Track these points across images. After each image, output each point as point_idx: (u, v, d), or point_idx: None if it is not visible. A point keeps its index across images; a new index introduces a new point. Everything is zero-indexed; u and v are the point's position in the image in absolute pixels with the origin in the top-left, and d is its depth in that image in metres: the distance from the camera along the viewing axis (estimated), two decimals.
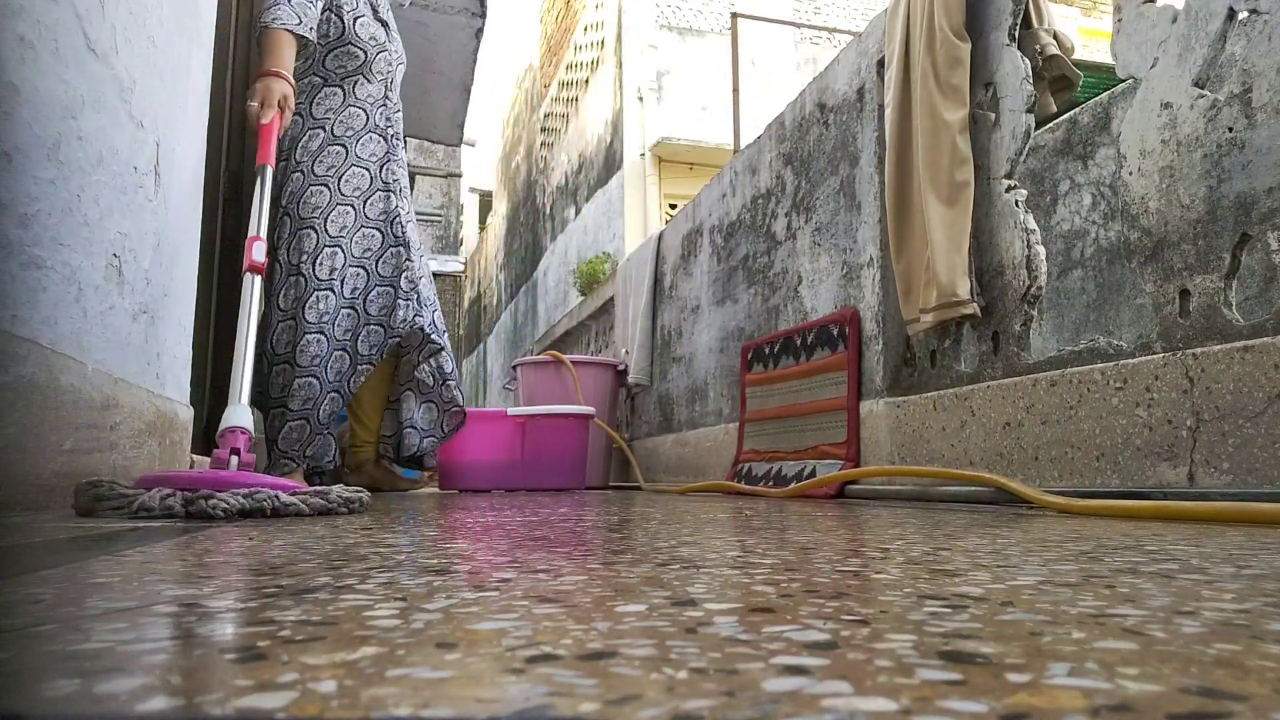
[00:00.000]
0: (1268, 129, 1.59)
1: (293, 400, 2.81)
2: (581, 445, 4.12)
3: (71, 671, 0.35)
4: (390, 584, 0.62)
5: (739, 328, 3.92)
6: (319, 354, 2.83)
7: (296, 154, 2.91)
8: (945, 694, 0.32)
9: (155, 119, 1.89)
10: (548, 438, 4.01)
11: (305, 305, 2.83)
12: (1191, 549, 0.89)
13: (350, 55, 2.96)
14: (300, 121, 2.92)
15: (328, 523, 1.37)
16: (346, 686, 0.33)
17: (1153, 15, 1.85)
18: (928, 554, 0.83)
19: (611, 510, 1.84)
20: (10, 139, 1.28)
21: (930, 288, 2.38)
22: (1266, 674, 0.35)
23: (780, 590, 0.59)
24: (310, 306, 2.84)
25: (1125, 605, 0.52)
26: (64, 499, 1.45)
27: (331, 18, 2.93)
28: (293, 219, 2.88)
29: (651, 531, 1.17)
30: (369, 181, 2.97)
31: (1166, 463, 1.72)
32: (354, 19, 2.96)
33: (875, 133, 2.88)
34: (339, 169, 2.92)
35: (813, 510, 1.82)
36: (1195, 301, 1.71)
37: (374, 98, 3.01)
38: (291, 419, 2.82)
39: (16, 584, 0.61)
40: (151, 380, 1.95)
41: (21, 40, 1.29)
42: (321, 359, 2.84)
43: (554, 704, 0.31)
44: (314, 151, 2.91)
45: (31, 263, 1.35)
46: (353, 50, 2.95)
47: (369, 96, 3.00)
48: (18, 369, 1.28)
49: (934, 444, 2.44)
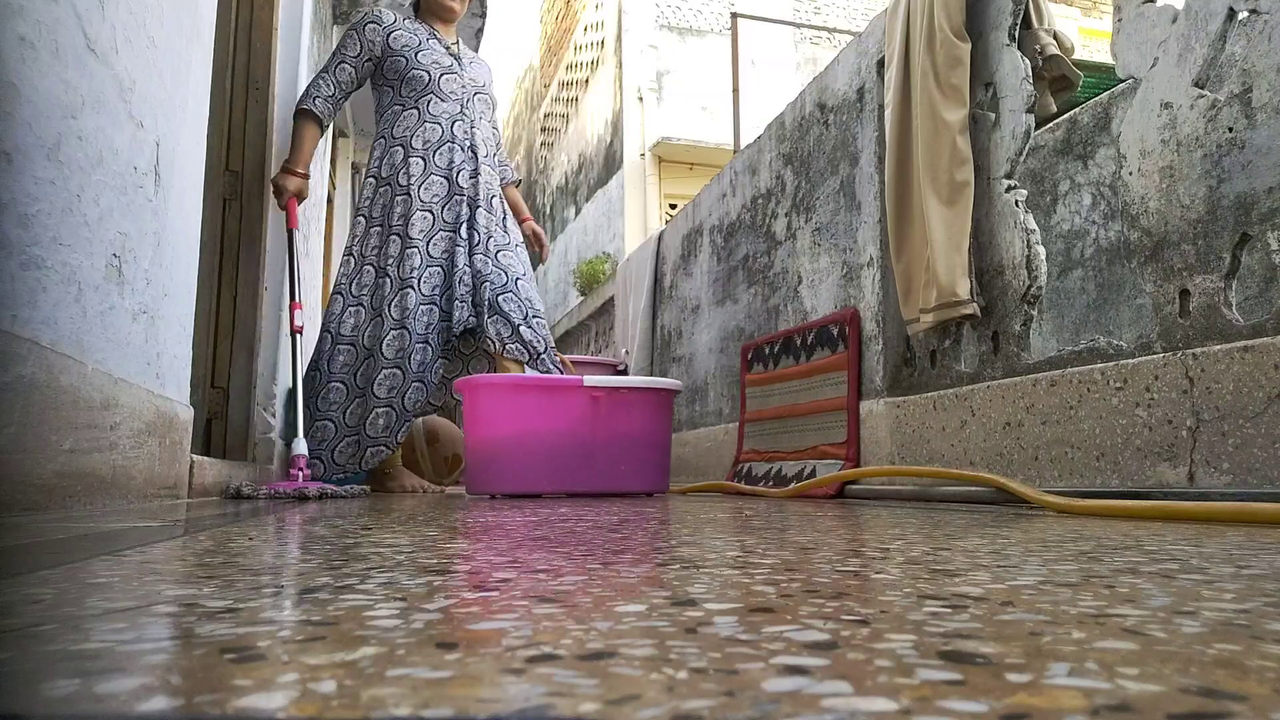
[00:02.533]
0: (1268, 129, 1.59)
1: (379, 389, 3.10)
2: (666, 433, 3.00)
3: (71, 671, 0.35)
4: (390, 584, 0.62)
5: (739, 328, 3.92)
6: (402, 348, 3.11)
7: (383, 170, 3.28)
8: (945, 694, 0.32)
9: (155, 119, 1.89)
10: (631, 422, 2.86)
11: (389, 303, 3.13)
12: (1191, 549, 0.89)
13: (417, 79, 3.29)
14: (384, 143, 3.31)
15: (328, 523, 1.38)
16: (346, 686, 0.33)
17: (1153, 15, 1.85)
18: (928, 554, 0.83)
19: (620, 511, 1.84)
20: (10, 139, 1.28)
21: (930, 288, 2.38)
22: (1266, 674, 0.35)
23: (780, 590, 0.59)
24: (394, 304, 3.13)
25: (1125, 605, 0.52)
26: (64, 499, 1.45)
27: (395, 57, 3.31)
28: (382, 228, 3.24)
29: (651, 531, 1.17)
30: (446, 189, 3.26)
31: (1166, 463, 1.72)
32: (415, 51, 3.32)
33: (875, 133, 2.87)
34: (419, 179, 3.23)
35: (813, 510, 1.82)
36: (1195, 301, 1.71)
37: (449, 114, 3.32)
38: (378, 406, 3.09)
39: (16, 584, 0.61)
40: (151, 380, 1.95)
41: (21, 40, 1.29)
42: (404, 352, 3.11)
43: (554, 704, 0.31)
44: (398, 165, 3.26)
45: (31, 263, 1.35)
46: (417, 74, 3.29)
47: (444, 113, 3.31)
48: (18, 369, 1.28)
49: (934, 444, 2.44)
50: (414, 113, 3.29)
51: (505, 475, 2.74)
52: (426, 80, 3.30)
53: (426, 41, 3.37)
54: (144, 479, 1.86)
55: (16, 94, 1.28)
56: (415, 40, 3.35)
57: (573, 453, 2.78)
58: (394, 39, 3.32)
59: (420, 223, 3.20)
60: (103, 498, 1.62)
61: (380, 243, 3.23)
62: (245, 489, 2.49)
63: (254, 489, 2.50)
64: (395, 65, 3.31)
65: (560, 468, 2.76)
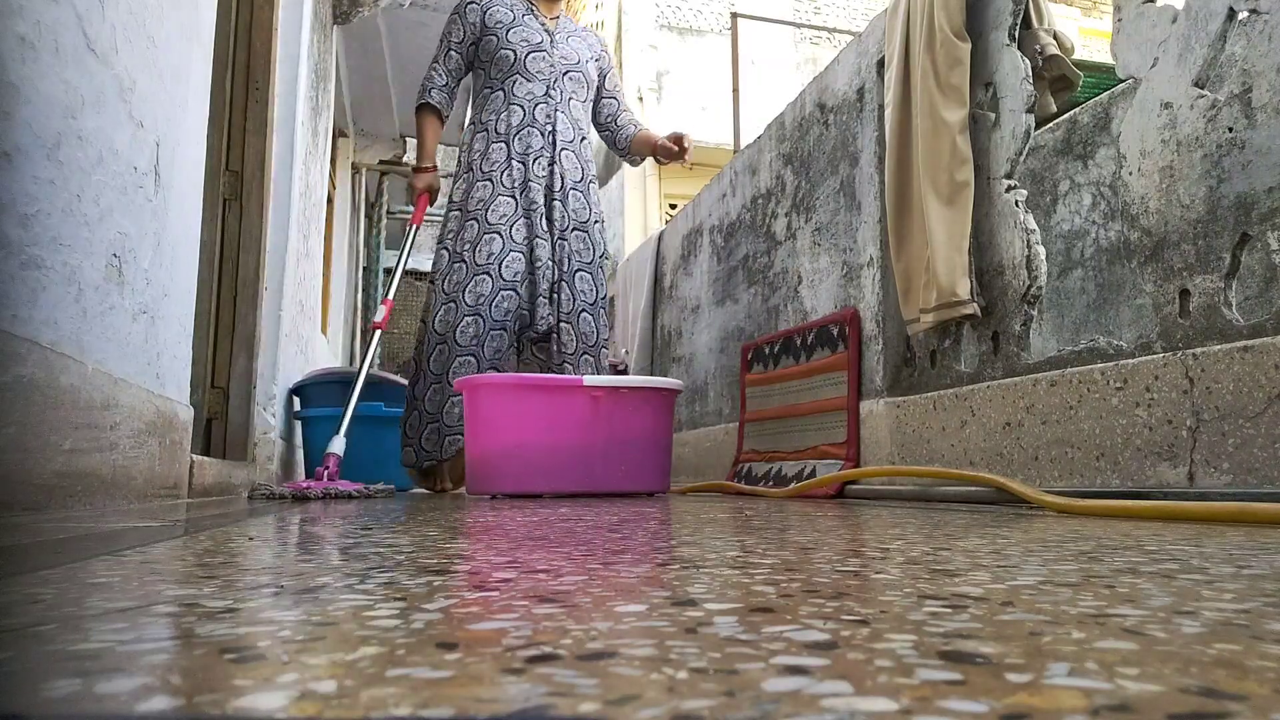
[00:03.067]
0: (1268, 129, 1.59)
1: (453, 377, 3.04)
2: (667, 433, 3.00)
3: (71, 671, 0.35)
4: (390, 584, 0.62)
5: (739, 328, 3.92)
6: (477, 334, 3.07)
7: (471, 157, 3.22)
8: (945, 694, 0.32)
9: (155, 119, 1.89)
10: (632, 422, 2.86)
11: (464, 289, 3.09)
12: (1191, 549, 0.89)
13: (504, 59, 3.21)
14: (472, 129, 3.26)
15: (329, 523, 1.38)
16: (346, 686, 0.33)
17: (1153, 15, 1.85)
18: (928, 554, 0.83)
19: (620, 511, 1.84)
20: (10, 139, 1.28)
21: (930, 288, 2.38)
22: (1266, 674, 0.35)
23: (780, 590, 0.59)
24: (469, 290, 3.08)
25: (1125, 605, 0.52)
26: (64, 499, 1.45)
27: (489, 36, 3.24)
28: (462, 212, 3.19)
29: (651, 531, 1.17)
30: (524, 175, 3.18)
31: (1166, 463, 1.72)
32: (506, 29, 3.24)
33: (875, 133, 2.87)
34: (502, 165, 3.17)
35: (813, 510, 1.82)
36: (1195, 301, 1.71)
37: (533, 96, 3.22)
38: (454, 394, 3.04)
39: (16, 584, 0.61)
40: (151, 380, 1.95)
41: (21, 40, 1.29)
42: (479, 338, 3.06)
43: (554, 704, 0.31)
44: (482, 151, 3.20)
45: (31, 263, 1.35)
46: (504, 53, 3.21)
47: (528, 94, 3.21)
48: (18, 369, 1.28)
49: (934, 444, 2.44)
50: (499, 94, 3.23)
51: (505, 475, 2.73)
52: (512, 60, 3.21)
53: (522, 18, 3.28)
54: (144, 479, 1.86)
55: (17, 94, 1.28)
56: (510, 16, 3.27)
57: (573, 453, 2.77)
58: (489, 15, 3.25)
59: (502, 207, 3.14)
60: (103, 498, 1.62)
61: (458, 228, 3.19)
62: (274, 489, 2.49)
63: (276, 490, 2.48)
64: (488, 45, 3.25)
65: (560, 468, 2.75)
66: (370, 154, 7.14)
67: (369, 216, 8.47)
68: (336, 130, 6.14)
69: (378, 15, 4.95)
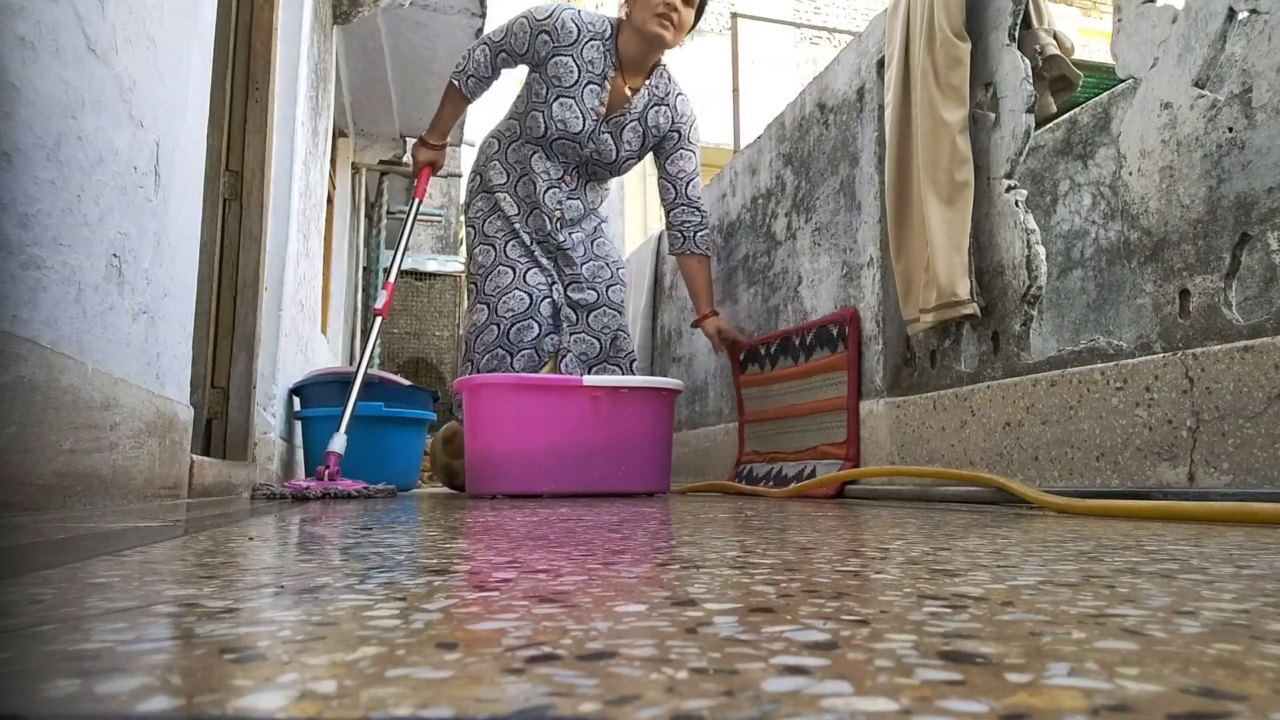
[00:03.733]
0: (1268, 129, 1.59)
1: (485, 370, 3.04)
2: (667, 433, 2.99)
3: (71, 671, 0.35)
4: (390, 584, 0.62)
5: (739, 328, 3.92)
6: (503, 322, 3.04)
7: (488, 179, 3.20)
8: (945, 694, 0.32)
9: (155, 119, 1.89)
10: (633, 422, 2.85)
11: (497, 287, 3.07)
12: (1191, 549, 0.89)
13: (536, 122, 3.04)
14: (497, 144, 3.21)
15: (329, 523, 1.38)
16: (346, 686, 0.33)
17: (1153, 15, 1.85)
18: (928, 554, 0.83)
19: (621, 512, 1.84)
20: (10, 139, 1.28)
21: (930, 288, 2.38)
22: (1266, 674, 0.35)
23: (780, 590, 0.59)
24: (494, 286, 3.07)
25: (1125, 605, 0.52)
26: (64, 499, 1.45)
27: (538, 85, 3.01)
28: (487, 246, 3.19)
29: (651, 531, 1.17)
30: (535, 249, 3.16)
31: (1166, 463, 1.72)
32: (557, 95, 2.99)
33: (875, 133, 2.87)
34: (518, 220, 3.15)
35: (813, 510, 1.82)
36: (1195, 301, 1.71)
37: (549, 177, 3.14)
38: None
39: (16, 584, 0.61)
40: (151, 380, 1.95)
41: (21, 40, 1.29)
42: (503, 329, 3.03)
43: (554, 704, 0.31)
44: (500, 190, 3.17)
45: (31, 263, 1.35)
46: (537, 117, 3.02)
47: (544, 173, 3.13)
48: (18, 369, 1.28)
49: (934, 444, 2.44)
50: (526, 147, 3.12)
51: (505, 475, 2.72)
52: (543, 132, 3.02)
53: (582, 89, 2.96)
54: (144, 479, 1.86)
55: (17, 94, 1.28)
56: (572, 78, 2.95)
57: (573, 453, 2.76)
58: (554, 63, 2.95)
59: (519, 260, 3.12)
60: (103, 498, 1.62)
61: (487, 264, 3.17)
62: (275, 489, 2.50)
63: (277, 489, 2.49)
64: (536, 84, 3.01)
65: (560, 468, 2.74)
66: (370, 154, 7.13)
67: (369, 216, 8.47)
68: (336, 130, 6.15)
69: (378, 15, 4.95)
